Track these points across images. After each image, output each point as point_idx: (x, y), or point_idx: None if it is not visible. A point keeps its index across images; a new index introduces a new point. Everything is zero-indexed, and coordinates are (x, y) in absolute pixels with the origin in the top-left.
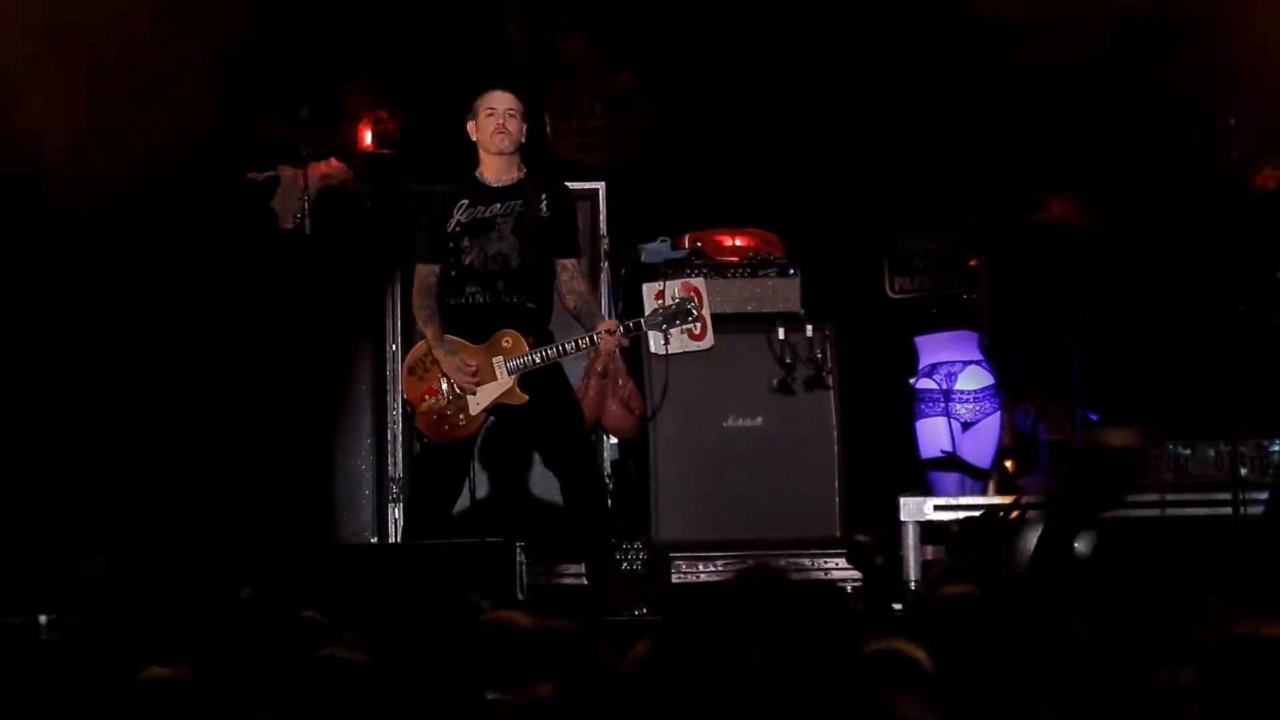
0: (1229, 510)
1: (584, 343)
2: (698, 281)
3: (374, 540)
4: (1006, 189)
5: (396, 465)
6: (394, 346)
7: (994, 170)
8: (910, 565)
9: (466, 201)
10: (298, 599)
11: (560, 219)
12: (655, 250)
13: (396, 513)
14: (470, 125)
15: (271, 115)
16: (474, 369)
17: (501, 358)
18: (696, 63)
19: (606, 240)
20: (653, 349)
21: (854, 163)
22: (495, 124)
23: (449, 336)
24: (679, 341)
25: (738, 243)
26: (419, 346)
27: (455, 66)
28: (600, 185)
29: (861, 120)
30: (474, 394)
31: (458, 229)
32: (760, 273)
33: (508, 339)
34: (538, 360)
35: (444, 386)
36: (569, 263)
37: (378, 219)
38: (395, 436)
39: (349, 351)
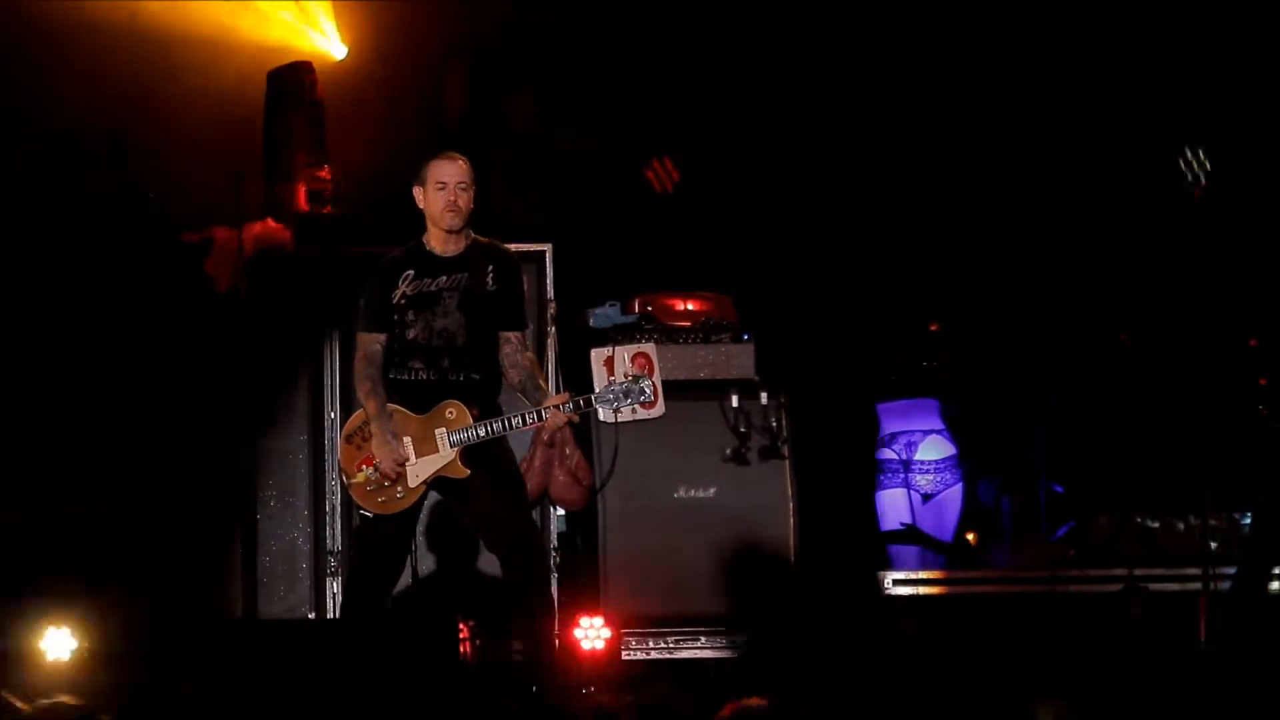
0: (1198, 585)
1: (530, 418)
2: (648, 347)
3: (311, 615)
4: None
5: (335, 538)
6: (332, 415)
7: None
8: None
9: (412, 273)
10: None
11: (507, 291)
12: (604, 315)
13: (335, 587)
14: (418, 192)
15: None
16: (401, 460)
17: (445, 429)
18: (647, 119)
19: (554, 305)
20: (601, 417)
21: (811, 223)
22: (446, 200)
23: (392, 405)
24: (628, 409)
25: (689, 306)
26: (358, 415)
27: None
28: (547, 247)
29: (820, 179)
30: (414, 465)
31: (403, 301)
32: (713, 338)
33: (451, 410)
34: (482, 434)
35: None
36: (514, 335)
37: (315, 282)
38: (334, 508)
39: (285, 418)
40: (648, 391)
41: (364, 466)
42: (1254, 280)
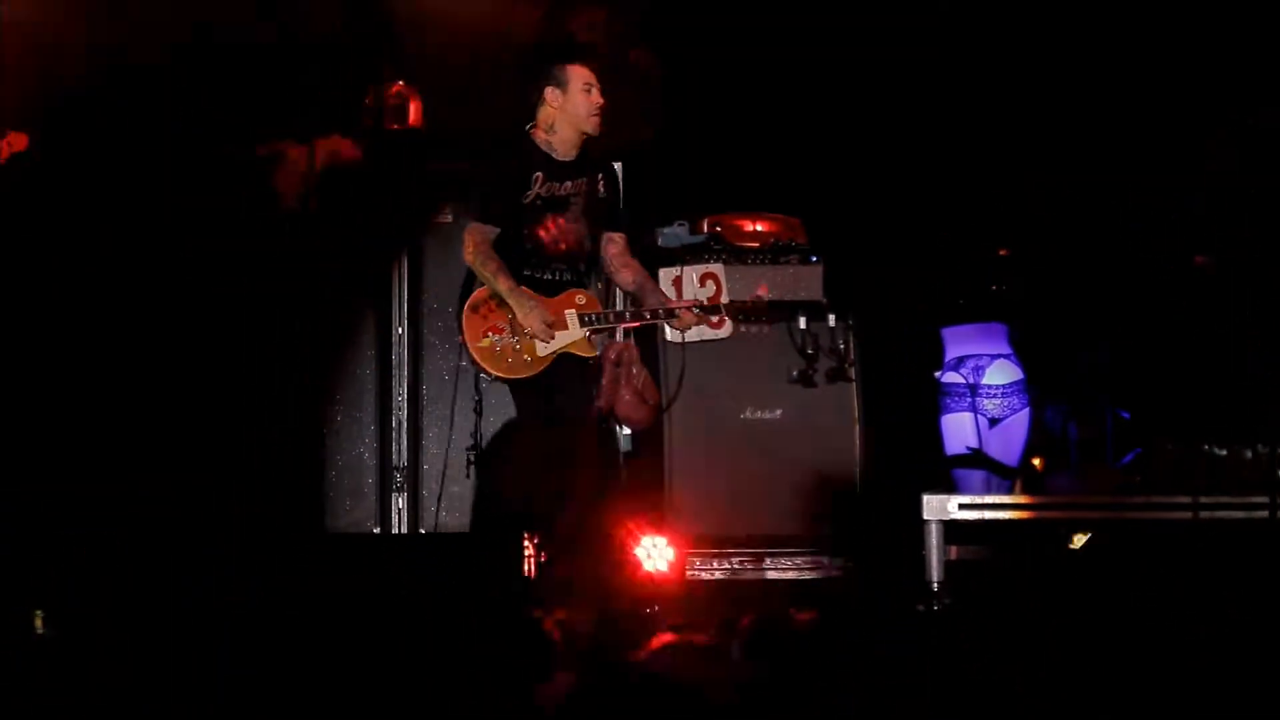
0: (1266, 514)
1: (661, 313)
2: (716, 268)
3: (377, 530)
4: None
5: (401, 454)
6: (400, 330)
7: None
8: (933, 565)
9: (541, 175)
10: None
11: (615, 196)
12: (672, 234)
13: (400, 502)
14: (552, 93)
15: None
16: (550, 321)
17: (574, 311)
18: (721, 42)
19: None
20: (669, 337)
21: (880, 149)
22: (595, 103)
23: (523, 288)
24: (696, 329)
25: (758, 228)
26: (481, 290)
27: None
28: (618, 165)
29: (888, 106)
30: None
31: (538, 203)
32: (781, 259)
33: (581, 296)
34: (610, 319)
35: (508, 326)
36: (619, 236)
37: (385, 200)
38: (400, 424)
39: (353, 336)
40: (762, 317)
41: (490, 333)
42: None
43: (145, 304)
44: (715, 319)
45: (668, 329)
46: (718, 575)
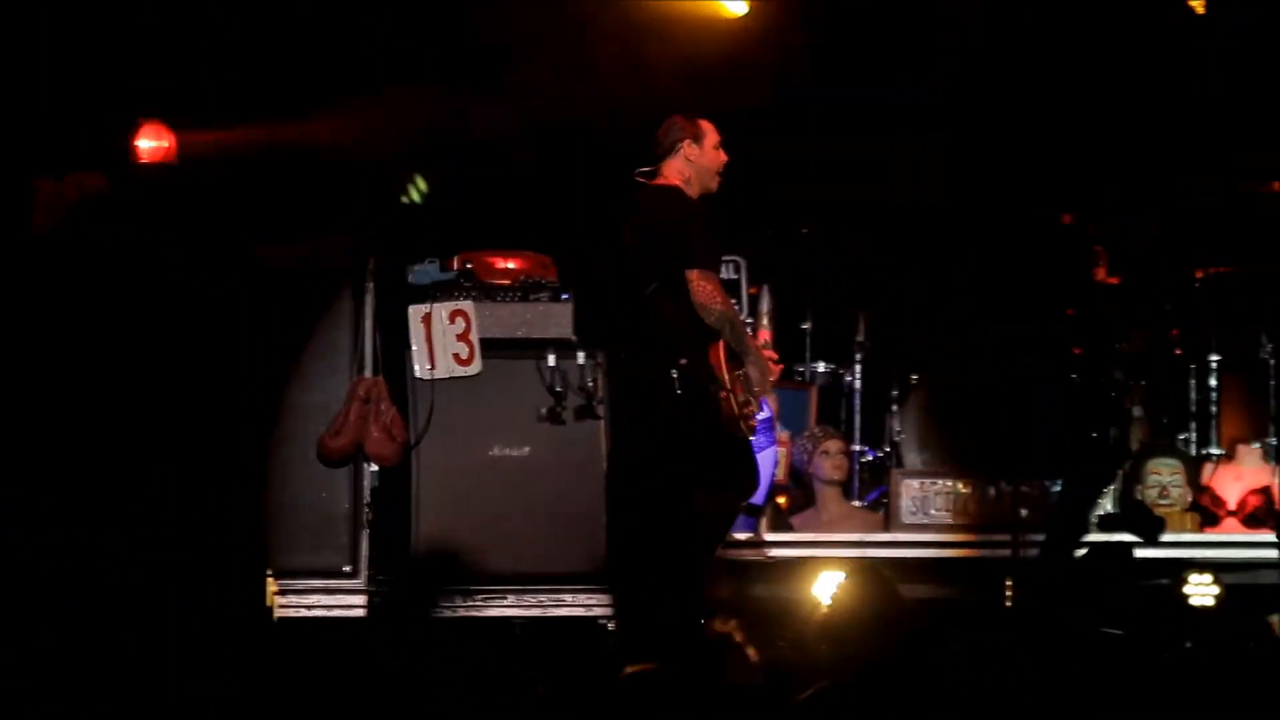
0: (1007, 552)
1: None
2: (466, 305)
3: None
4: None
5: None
6: None
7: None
8: None
9: None
10: None
11: None
12: (423, 271)
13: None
14: (692, 148)
15: None
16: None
17: None
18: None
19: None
20: (417, 373)
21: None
22: (724, 160)
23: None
24: (445, 365)
25: (510, 265)
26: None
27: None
28: None
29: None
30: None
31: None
32: (532, 297)
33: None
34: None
35: (742, 383)
36: None
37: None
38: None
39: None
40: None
41: (738, 391)
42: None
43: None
44: (465, 354)
45: (417, 366)
46: (460, 613)
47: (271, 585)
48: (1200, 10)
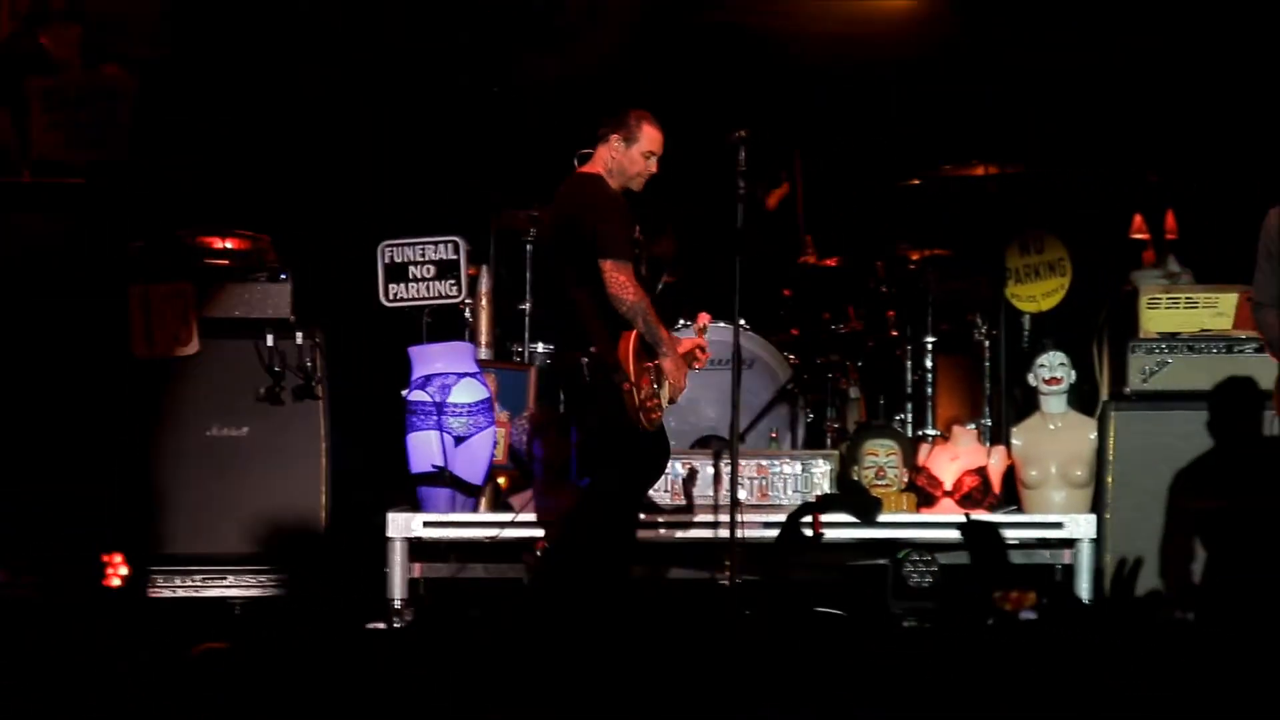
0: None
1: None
2: (184, 286)
3: None
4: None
5: None
6: None
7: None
8: (396, 583)
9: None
10: None
11: None
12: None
13: None
14: (619, 141)
15: None
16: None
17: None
18: (200, 57)
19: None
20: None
21: (353, 165)
22: (650, 172)
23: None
24: (162, 344)
25: (228, 245)
26: (635, 333)
27: None
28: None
29: (367, 123)
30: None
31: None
32: (250, 276)
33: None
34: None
35: (653, 375)
36: None
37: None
38: None
39: None
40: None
41: (643, 384)
42: None
43: None
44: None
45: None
46: (180, 593)
47: None
48: None
